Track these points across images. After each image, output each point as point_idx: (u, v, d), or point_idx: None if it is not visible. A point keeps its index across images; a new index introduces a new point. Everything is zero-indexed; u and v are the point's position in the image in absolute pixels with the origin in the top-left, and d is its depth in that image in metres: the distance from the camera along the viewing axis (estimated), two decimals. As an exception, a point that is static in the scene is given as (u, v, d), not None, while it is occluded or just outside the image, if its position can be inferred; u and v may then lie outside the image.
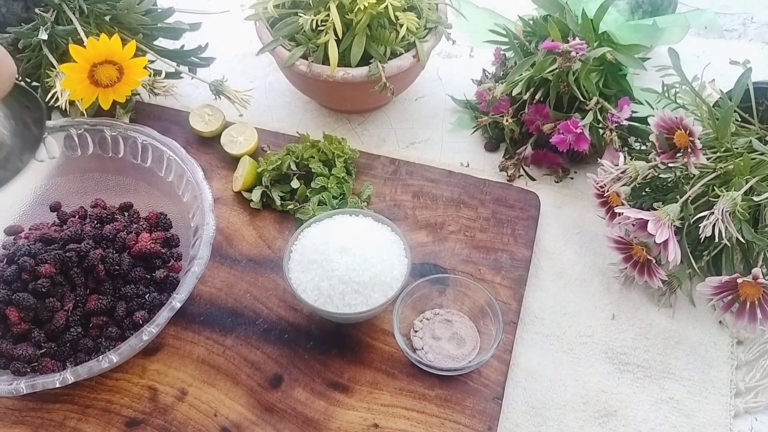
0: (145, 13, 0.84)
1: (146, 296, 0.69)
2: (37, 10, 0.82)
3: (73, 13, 0.81)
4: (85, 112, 0.79)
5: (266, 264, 0.77)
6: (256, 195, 0.81)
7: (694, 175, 0.70)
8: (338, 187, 0.81)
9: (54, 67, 0.81)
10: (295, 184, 0.81)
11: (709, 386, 0.70)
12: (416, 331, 0.71)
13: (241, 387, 0.69)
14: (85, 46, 0.73)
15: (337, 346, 0.72)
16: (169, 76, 0.88)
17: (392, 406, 0.68)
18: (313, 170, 0.81)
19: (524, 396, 0.70)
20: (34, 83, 0.87)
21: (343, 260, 0.68)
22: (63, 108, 0.79)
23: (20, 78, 0.86)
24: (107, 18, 0.84)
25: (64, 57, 0.81)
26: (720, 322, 0.74)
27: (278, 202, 0.81)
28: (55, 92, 0.79)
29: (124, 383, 0.69)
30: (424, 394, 0.68)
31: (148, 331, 0.63)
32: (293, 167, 0.82)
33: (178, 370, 0.70)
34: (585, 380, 0.71)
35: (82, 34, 0.79)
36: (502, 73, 0.89)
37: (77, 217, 0.77)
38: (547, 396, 0.70)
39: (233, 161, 0.85)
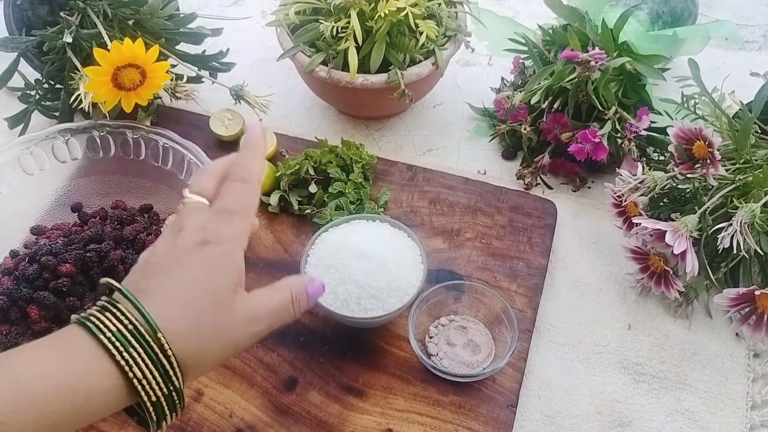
0: (168, 18, 0.85)
1: (164, 297, 0.70)
2: (62, 14, 0.83)
3: (98, 17, 0.82)
4: (107, 115, 0.80)
5: (283, 267, 0.78)
6: (274, 199, 0.82)
7: (713, 186, 0.69)
8: (356, 192, 0.81)
9: (78, 70, 0.82)
10: (312, 188, 0.82)
11: (725, 398, 0.70)
12: (431, 337, 0.71)
13: (257, 389, 0.69)
14: (108, 50, 0.74)
15: (352, 350, 0.72)
16: (190, 80, 0.89)
17: (406, 412, 0.68)
18: (331, 175, 0.82)
19: (538, 404, 0.70)
20: (58, 85, 0.88)
21: (359, 265, 0.68)
22: (86, 110, 0.80)
23: (44, 80, 0.88)
24: (131, 22, 0.85)
25: (87, 60, 0.82)
26: (737, 334, 0.74)
27: (296, 206, 0.81)
28: (79, 95, 0.80)
29: (141, 383, 0.70)
30: (439, 400, 0.69)
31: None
32: (311, 172, 0.83)
33: (194, 371, 0.71)
34: (600, 390, 0.71)
35: (106, 38, 0.81)
36: (520, 81, 0.90)
37: (98, 218, 0.78)
38: (561, 405, 0.70)
39: (252, 165, 0.86)
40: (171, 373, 0.43)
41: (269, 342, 0.72)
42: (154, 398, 0.43)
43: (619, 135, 0.80)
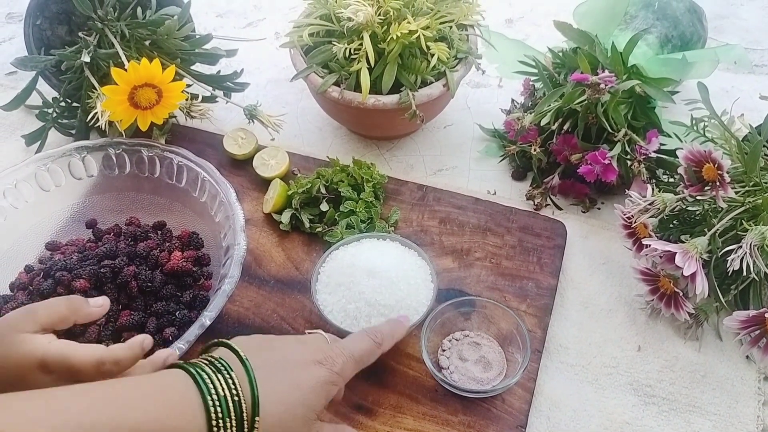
0: (184, 39, 0.87)
1: (176, 313, 0.71)
2: (80, 34, 0.85)
3: (115, 37, 0.84)
4: (123, 133, 0.82)
5: (294, 285, 0.79)
6: (285, 217, 0.83)
7: (723, 208, 0.70)
8: (366, 211, 0.82)
9: (95, 89, 0.83)
10: (324, 207, 0.83)
11: (735, 422, 0.70)
12: (444, 351, 0.72)
13: (266, 406, 0.70)
14: (126, 70, 0.76)
15: (362, 368, 0.72)
16: (205, 99, 0.91)
17: (415, 431, 0.68)
18: (342, 194, 0.83)
19: (547, 425, 0.70)
20: (75, 104, 0.90)
21: (370, 283, 0.69)
22: (102, 128, 0.81)
23: (62, 98, 0.89)
24: (147, 43, 0.87)
25: (104, 79, 0.84)
26: (747, 356, 0.74)
27: (307, 224, 0.82)
28: (96, 113, 0.81)
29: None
30: (448, 420, 0.69)
31: (178, 347, 0.64)
32: (323, 191, 0.83)
33: (204, 388, 0.71)
34: (609, 411, 0.71)
35: (123, 58, 0.82)
36: (530, 103, 0.90)
37: (112, 234, 0.79)
38: (570, 426, 0.70)
39: (264, 183, 0.87)
40: None
41: (279, 359, 0.73)
42: None
43: (628, 157, 0.80)
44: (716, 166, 0.68)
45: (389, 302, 0.68)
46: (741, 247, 0.66)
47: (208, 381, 0.46)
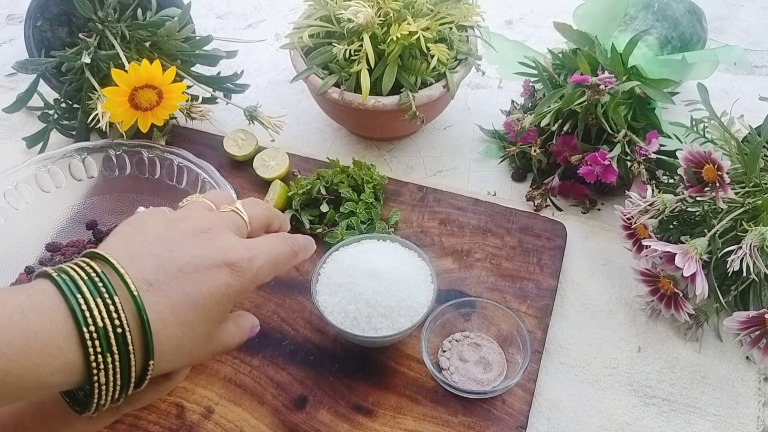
0: (185, 40, 0.87)
1: (177, 314, 0.71)
2: (80, 35, 0.85)
3: (115, 39, 0.84)
4: (124, 134, 0.82)
5: (294, 286, 0.79)
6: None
7: (722, 209, 0.70)
8: (366, 212, 0.82)
9: (96, 90, 0.83)
10: (324, 208, 0.83)
11: (735, 422, 0.70)
12: (444, 351, 0.72)
13: (267, 407, 0.70)
14: (126, 71, 0.76)
15: (362, 369, 0.72)
16: (205, 101, 0.91)
17: (415, 432, 0.68)
18: (342, 195, 0.83)
19: (548, 426, 0.70)
20: (76, 105, 0.90)
21: (370, 284, 0.69)
22: (103, 129, 0.81)
23: (63, 100, 0.89)
24: (148, 44, 0.87)
25: (105, 80, 0.84)
26: (747, 357, 0.74)
27: (307, 225, 0.82)
28: (96, 114, 0.81)
29: (152, 400, 0.70)
30: (448, 421, 0.69)
31: (178, 349, 0.65)
32: (323, 192, 0.84)
33: (205, 389, 0.71)
34: (609, 412, 0.71)
35: (124, 59, 0.82)
36: (530, 104, 0.90)
37: (112, 235, 0.79)
38: (570, 427, 0.70)
39: (264, 185, 0.87)
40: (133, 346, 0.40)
41: (279, 360, 0.73)
42: (108, 371, 0.39)
43: (628, 158, 0.80)
44: (716, 167, 0.68)
45: (389, 303, 0.68)
46: (741, 247, 0.66)
47: (83, 305, 0.38)
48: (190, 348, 0.44)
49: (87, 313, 0.38)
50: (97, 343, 0.38)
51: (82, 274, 0.40)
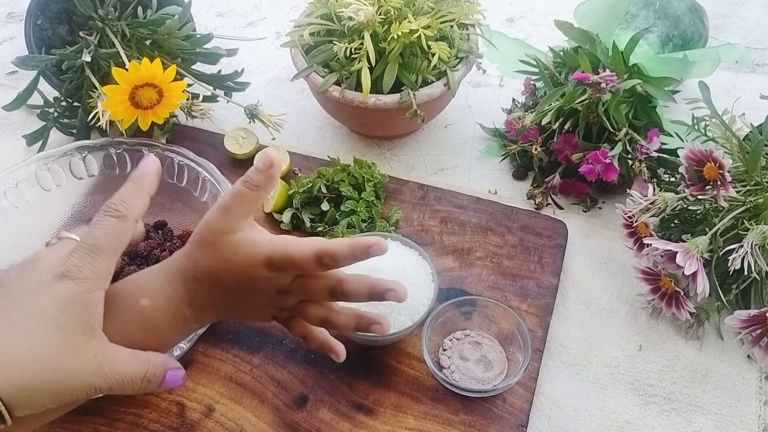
0: (185, 38, 0.86)
1: (177, 313, 0.71)
2: (81, 33, 0.85)
3: (116, 37, 0.84)
4: (124, 133, 0.82)
5: (295, 285, 0.78)
6: (286, 216, 0.83)
7: (724, 207, 0.70)
8: (367, 210, 0.82)
9: (96, 89, 0.83)
10: (325, 206, 0.83)
11: (736, 421, 0.70)
12: (445, 350, 0.72)
13: (267, 405, 0.70)
14: (127, 69, 0.76)
15: (363, 368, 0.72)
16: (206, 99, 0.91)
17: (416, 430, 0.68)
18: (343, 194, 0.83)
19: (549, 425, 0.70)
20: (76, 103, 0.90)
21: (371, 283, 0.69)
22: (103, 128, 0.81)
23: (63, 98, 0.89)
24: (148, 42, 0.87)
25: (105, 79, 0.84)
26: (748, 356, 0.74)
27: (308, 224, 0.82)
28: (97, 113, 0.81)
29: (153, 398, 0.70)
30: (449, 419, 0.69)
31: (179, 347, 0.65)
32: (324, 190, 0.83)
33: (205, 387, 0.71)
34: (610, 411, 0.71)
35: (124, 57, 0.82)
36: (531, 102, 0.90)
37: (113, 233, 0.79)
38: (571, 426, 0.70)
39: (265, 183, 0.87)
40: None
41: (280, 359, 0.73)
42: None
43: (629, 156, 0.80)
44: (717, 165, 0.68)
45: (390, 302, 0.68)
46: (742, 246, 0.66)
47: None
48: (56, 359, 0.44)
49: None
50: None
51: None
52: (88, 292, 0.46)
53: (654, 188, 0.74)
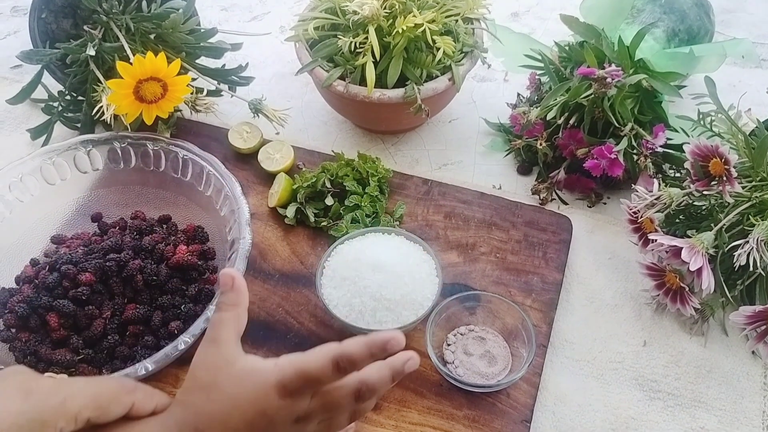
0: (190, 32, 0.86)
1: (182, 307, 0.71)
2: (85, 27, 0.85)
3: (120, 31, 0.84)
4: (129, 127, 0.82)
5: (299, 279, 0.79)
6: (290, 211, 0.83)
7: (729, 203, 0.69)
8: (371, 205, 0.82)
9: (100, 82, 0.83)
10: (329, 201, 0.83)
11: (740, 417, 0.70)
12: (449, 345, 0.72)
13: (271, 400, 0.70)
14: (131, 63, 0.76)
15: (367, 363, 0.72)
16: (210, 93, 0.91)
17: (420, 425, 0.68)
18: (347, 188, 0.83)
19: (552, 420, 0.70)
20: (80, 97, 0.90)
21: (375, 278, 0.69)
22: (108, 122, 0.81)
23: (67, 92, 0.89)
24: (153, 36, 0.87)
25: (110, 73, 0.84)
26: (753, 352, 0.74)
27: (312, 218, 0.82)
28: (101, 106, 0.82)
29: (157, 392, 0.71)
30: (453, 414, 0.69)
31: (184, 341, 0.65)
32: (328, 185, 0.83)
33: (209, 381, 0.71)
34: (615, 406, 0.71)
35: (128, 51, 0.82)
36: (536, 97, 0.90)
37: (117, 228, 0.79)
38: (575, 421, 0.70)
39: (269, 178, 0.87)
40: None
41: (284, 353, 0.72)
42: None
43: (635, 151, 0.80)
44: (723, 160, 0.67)
45: (394, 296, 0.68)
46: (748, 242, 0.65)
47: None
48: None
49: None
50: None
51: None
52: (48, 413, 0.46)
53: (659, 184, 0.73)
